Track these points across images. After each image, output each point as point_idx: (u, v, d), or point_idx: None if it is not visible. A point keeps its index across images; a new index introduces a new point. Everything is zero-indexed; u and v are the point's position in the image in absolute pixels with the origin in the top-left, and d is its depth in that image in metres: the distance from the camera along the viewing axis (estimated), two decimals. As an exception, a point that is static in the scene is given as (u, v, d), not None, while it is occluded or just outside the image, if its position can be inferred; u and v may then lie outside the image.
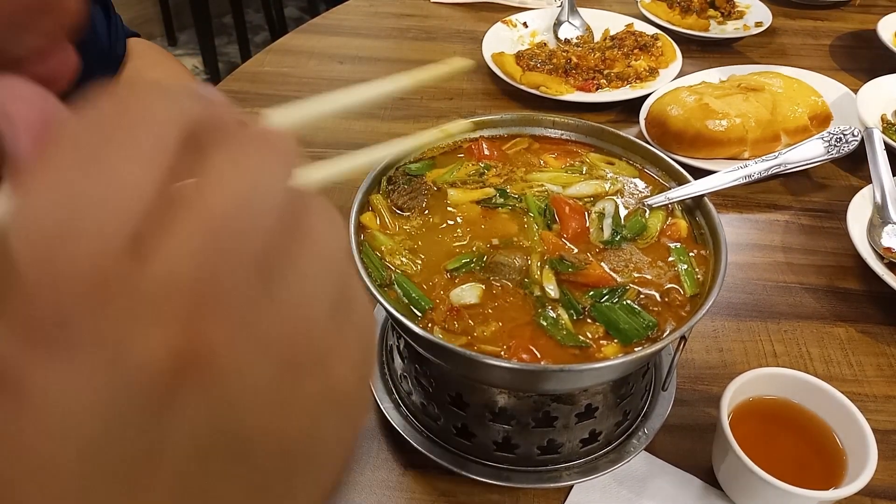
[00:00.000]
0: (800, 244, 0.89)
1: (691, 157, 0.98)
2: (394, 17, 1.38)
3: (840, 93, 1.11)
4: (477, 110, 1.12)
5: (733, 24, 1.34)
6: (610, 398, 0.61)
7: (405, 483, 0.63)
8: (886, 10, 1.36)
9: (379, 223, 0.63)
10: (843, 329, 0.78)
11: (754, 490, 0.57)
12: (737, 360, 0.74)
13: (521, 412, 0.59)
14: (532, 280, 0.58)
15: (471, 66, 0.29)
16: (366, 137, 1.04)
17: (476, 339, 0.54)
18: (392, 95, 0.29)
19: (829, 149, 0.80)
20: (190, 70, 1.06)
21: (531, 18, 1.32)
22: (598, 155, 0.71)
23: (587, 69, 1.14)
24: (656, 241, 0.63)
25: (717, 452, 0.61)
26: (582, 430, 0.60)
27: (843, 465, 0.57)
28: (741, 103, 1.00)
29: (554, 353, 0.54)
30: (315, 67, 1.20)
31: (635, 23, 1.29)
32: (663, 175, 0.69)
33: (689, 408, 0.68)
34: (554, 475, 0.61)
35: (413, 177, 0.67)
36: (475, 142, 0.71)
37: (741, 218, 0.93)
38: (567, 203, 0.64)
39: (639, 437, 0.63)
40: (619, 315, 0.55)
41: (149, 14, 3.28)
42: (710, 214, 0.63)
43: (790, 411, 0.61)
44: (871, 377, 0.72)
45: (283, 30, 2.95)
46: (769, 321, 0.78)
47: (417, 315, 0.56)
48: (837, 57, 1.29)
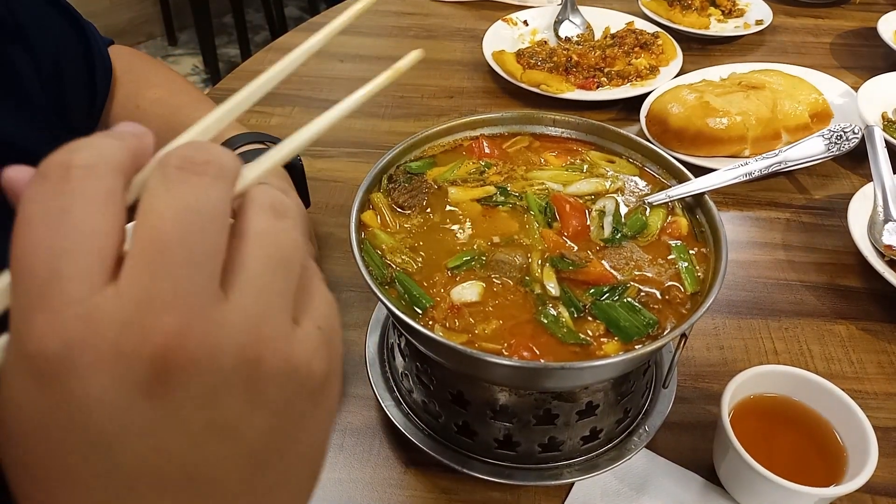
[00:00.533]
0: (800, 242, 0.89)
1: (692, 154, 0.98)
2: (394, 16, 1.38)
3: (841, 90, 1.11)
4: (477, 108, 1.12)
5: (734, 22, 1.34)
6: (611, 396, 0.61)
7: (406, 481, 0.63)
8: (887, 7, 1.36)
9: (380, 221, 0.63)
10: (843, 326, 0.78)
11: (755, 487, 0.57)
12: (737, 357, 0.74)
13: (521, 410, 0.59)
14: (532, 278, 0.58)
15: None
16: (366, 136, 1.04)
17: (477, 336, 0.54)
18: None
19: (829, 146, 0.80)
20: (180, 73, 1.03)
21: (532, 16, 1.32)
22: (599, 153, 0.71)
23: (588, 67, 1.14)
24: (657, 238, 0.63)
25: (718, 450, 0.61)
26: (583, 427, 0.61)
27: (844, 463, 0.57)
28: (742, 101, 1.00)
29: (555, 350, 0.54)
30: (316, 66, 1.20)
31: (636, 21, 1.29)
32: (664, 173, 0.69)
33: (690, 405, 0.69)
34: (555, 473, 0.61)
35: (414, 175, 0.67)
36: (476, 140, 0.71)
37: (742, 216, 0.93)
38: (568, 201, 0.64)
39: (640, 434, 0.63)
40: (620, 313, 0.55)
41: (149, 14, 3.28)
42: (710, 212, 0.63)
43: (791, 409, 0.61)
44: (871, 374, 0.72)
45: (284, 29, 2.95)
46: (770, 319, 0.78)
47: (418, 313, 0.56)
48: (838, 55, 1.28)
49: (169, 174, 0.24)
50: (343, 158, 0.99)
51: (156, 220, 0.23)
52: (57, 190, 0.23)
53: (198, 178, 0.24)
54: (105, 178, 0.24)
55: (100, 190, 0.24)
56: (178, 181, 0.24)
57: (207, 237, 0.24)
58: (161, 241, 0.23)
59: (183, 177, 0.24)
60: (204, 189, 0.24)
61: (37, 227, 0.23)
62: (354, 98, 0.31)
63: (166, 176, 0.24)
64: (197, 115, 0.84)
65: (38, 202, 0.23)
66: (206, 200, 0.24)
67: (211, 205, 0.24)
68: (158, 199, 0.24)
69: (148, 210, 0.24)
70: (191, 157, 0.25)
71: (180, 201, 0.24)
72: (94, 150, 0.25)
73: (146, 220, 0.24)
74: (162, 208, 0.24)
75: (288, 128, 1.04)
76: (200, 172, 0.25)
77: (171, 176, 0.24)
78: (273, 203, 0.27)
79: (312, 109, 1.09)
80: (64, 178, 0.23)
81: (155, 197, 0.24)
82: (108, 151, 0.25)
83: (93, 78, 0.79)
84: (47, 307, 0.22)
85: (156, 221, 0.23)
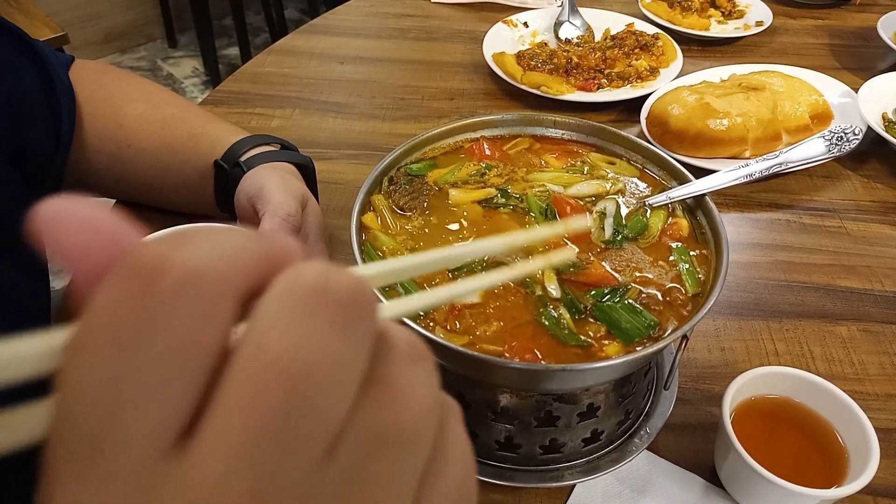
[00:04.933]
0: (801, 243, 0.89)
1: (692, 156, 0.98)
2: (394, 18, 1.38)
3: (841, 91, 1.11)
4: (478, 110, 1.12)
5: (734, 24, 1.34)
6: (612, 397, 0.61)
7: (407, 483, 0.63)
8: (886, 8, 1.36)
9: (380, 223, 0.63)
10: (844, 328, 0.78)
11: (756, 489, 0.57)
12: (738, 359, 0.74)
13: (523, 412, 0.59)
14: (533, 280, 0.58)
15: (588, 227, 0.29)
16: (367, 138, 1.04)
17: (478, 338, 0.54)
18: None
19: (830, 147, 0.80)
20: (180, 75, 0.99)
21: (532, 18, 1.32)
22: (599, 155, 0.71)
23: (588, 69, 1.14)
24: (658, 240, 0.63)
25: (720, 451, 0.61)
26: (584, 429, 0.60)
27: (846, 464, 0.57)
28: (742, 102, 1.00)
29: (556, 352, 0.54)
30: (316, 68, 1.20)
31: (636, 22, 1.29)
32: (664, 174, 0.69)
33: (691, 407, 0.68)
34: (556, 475, 0.61)
35: (414, 177, 0.67)
36: (476, 142, 0.71)
37: (742, 217, 0.93)
38: (568, 203, 0.64)
39: (641, 436, 0.63)
40: (621, 314, 0.55)
41: (149, 16, 3.28)
42: (711, 214, 0.63)
43: (792, 410, 0.61)
44: (873, 376, 0.72)
45: (284, 31, 2.95)
46: (771, 320, 0.78)
47: (419, 315, 0.56)
48: (838, 56, 1.28)
49: (299, 303, 0.18)
50: (343, 160, 0.99)
51: (267, 372, 0.17)
52: (137, 305, 0.17)
53: (338, 321, 0.18)
54: (208, 297, 0.17)
55: (195, 317, 0.17)
56: (311, 318, 0.17)
57: (332, 406, 0.17)
58: (270, 404, 0.16)
59: (319, 313, 0.18)
60: (345, 340, 0.18)
61: (99, 355, 0.16)
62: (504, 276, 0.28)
63: (295, 305, 0.17)
64: (189, 125, 0.81)
65: (106, 316, 0.17)
66: (344, 356, 0.18)
67: (349, 362, 0.18)
68: (276, 339, 0.17)
69: (257, 352, 0.17)
70: (330, 287, 0.18)
71: (311, 352, 0.17)
72: (207, 249, 0.18)
73: (252, 366, 0.17)
74: (280, 354, 0.17)
75: (289, 130, 1.05)
76: (345, 315, 0.18)
77: (301, 308, 0.17)
78: (410, 343, 0.21)
79: (313, 111, 1.09)
80: (150, 289, 0.17)
81: (273, 338, 0.17)
82: (228, 258, 0.18)
83: (54, 107, 0.73)
84: (88, 470, 0.16)
85: (267, 373, 0.17)
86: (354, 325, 0.18)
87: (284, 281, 0.18)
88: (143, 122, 0.78)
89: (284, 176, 0.69)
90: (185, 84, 3.09)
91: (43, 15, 2.08)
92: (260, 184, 0.67)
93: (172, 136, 0.78)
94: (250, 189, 0.68)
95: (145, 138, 0.78)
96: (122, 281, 0.17)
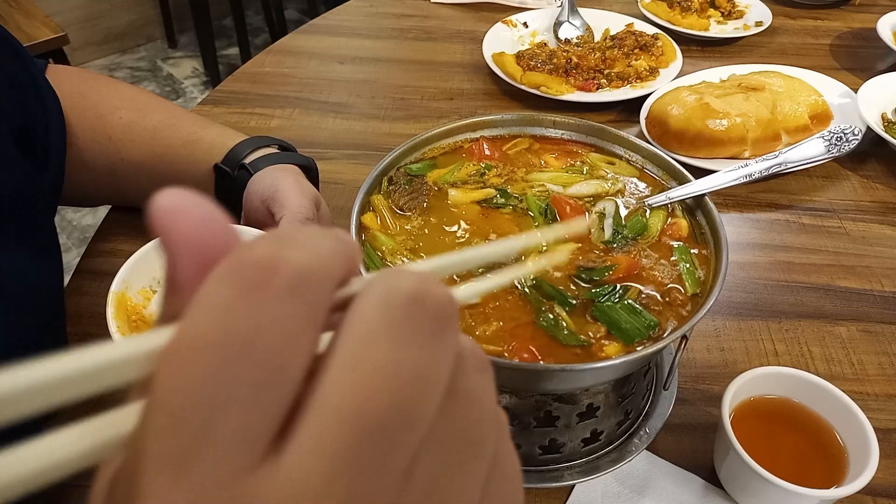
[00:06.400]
0: (801, 243, 0.89)
1: (692, 156, 0.98)
2: (394, 18, 1.38)
3: (840, 92, 1.11)
4: (477, 110, 1.12)
5: (733, 24, 1.34)
6: (611, 398, 0.61)
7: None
8: (886, 8, 1.36)
9: (380, 223, 0.63)
10: (844, 328, 0.78)
11: (756, 489, 0.57)
12: (738, 359, 0.74)
13: (522, 412, 0.59)
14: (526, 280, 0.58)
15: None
16: (366, 138, 1.04)
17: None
18: None
19: (829, 148, 0.80)
20: (180, 75, 0.98)
21: (531, 18, 1.32)
22: (599, 155, 0.71)
23: (587, 69, 1.14)
24: (657, 240, 0.63)
25: (719, 452, 0.61)
26: (583, 429, 0.60)
27: (845, 464, 0.57)
28: (742, 103, 1.00)
29: (555, 352, 0.54)
30: (315, 68, 1.20)
31: (635, 22, 1.29)
32: (664, 175, 0.69)
33: (691, 407, 0.68)
34: (555, 475, 0.61)
35: (414, 177, 0.67)
36: (476, 142, 0.71)
37: (742, 217, 0.93)
38: (568, 203, 0.64)
39: (640, 436, 0.63)
40: (621, 314, 0.55)
41: (149, 16, 3.28)
42: (710, 214, 0.63)
43: (791, 410, 0.61)
44: (872, 376, 0.72)
45: (283, 31, 2.95)
46: (770, 320, 0.78)
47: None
48: (838, 56, 1.29)
49: (397, 314, 0.18)
50: (343, 160, 0.99)
51: (373, 379, 0.17)
52: (248, 303, 0.16)
53: (435, 332, 0.18)
54: (313, 298, 0.17)
55: (302, 316, 0.17)
56: (411, 329, 0.18)
57: (425, 415, 0.18)
58: (374, 411, 0.16)
59: (418, 324, 0.18)
60: (440, 351, 0.18)
61: (208, 353, 0.16)
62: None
63: (394, 315, 0.18)
64: (180, 132, 0.80)
65: (216, 314, 0.16)
66: (438, 367, 0.18)
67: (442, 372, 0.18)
68: (381, 348, 0.17)
69: (361, 359, 0.17)
70: (427, 298, 0.18)
71: (414, 363, 0.17)
72: (312, 250, 0.18)
73: (356, 373, 0.17)
74: (385, 362, 0.17)
75: (288, 130, 1.04)
76: (440, 327, 0.18)
77: (400, 318, 0.18)
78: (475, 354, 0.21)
79: (312, 111, 1.09)
80: (262, 287, 0.17)
81: (376, 347, 0.17)
82: (328, 259, 0.18)
83: (43, 116, 0.69)
84: (178, 476, 0.16)
85: (373, 381, 0.17)
86: (446, 337, 0.18)
87: (381, 288, 0.18)
88: (131, 133, 0.76)
89: (297, 178, 0.69)
90: (184, 84, 3.09)
91: (43, 15, 2.09)
92: (275, 186, 0.67)
93: (165, 147, 0.76)
94: (265, 191, 0.68)
95: (136, 150, 0.76)
96: (232, 278, 0.17)
